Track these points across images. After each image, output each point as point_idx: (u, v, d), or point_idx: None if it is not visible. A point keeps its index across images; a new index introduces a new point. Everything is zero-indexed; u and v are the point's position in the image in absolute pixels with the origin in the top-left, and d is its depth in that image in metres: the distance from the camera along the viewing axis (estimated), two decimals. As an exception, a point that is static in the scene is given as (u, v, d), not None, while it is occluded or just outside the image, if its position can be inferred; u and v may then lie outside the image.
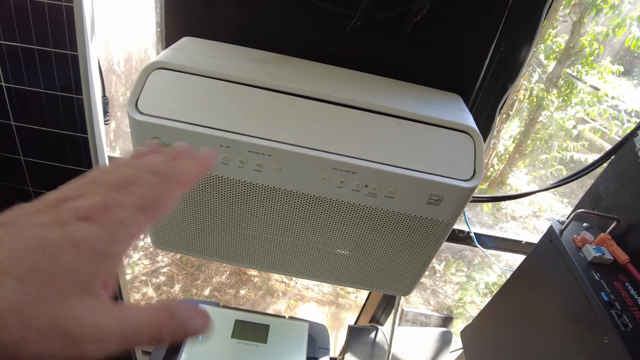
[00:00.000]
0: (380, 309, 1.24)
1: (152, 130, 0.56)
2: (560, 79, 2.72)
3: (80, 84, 0.76)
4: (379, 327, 1.24)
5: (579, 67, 2.63)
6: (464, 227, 1.01)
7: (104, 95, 0.82)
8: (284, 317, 1.06)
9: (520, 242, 1.08)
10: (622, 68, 2.59)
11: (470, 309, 2.39)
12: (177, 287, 2.28)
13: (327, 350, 1.02)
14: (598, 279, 0.63)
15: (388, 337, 1.19)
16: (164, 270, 2.35)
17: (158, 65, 0.57)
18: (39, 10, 0.70)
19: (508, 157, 2.97)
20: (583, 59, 2.59)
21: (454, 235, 1.01)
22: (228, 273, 2.40)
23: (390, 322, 1.27)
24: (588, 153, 2.65)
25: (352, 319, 2.36)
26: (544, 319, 0.71)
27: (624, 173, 0.74)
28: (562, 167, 2.75)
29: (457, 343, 1.29)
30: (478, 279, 2.51)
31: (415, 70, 0.71)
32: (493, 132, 0.78)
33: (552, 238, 0.73)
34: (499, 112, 0.76)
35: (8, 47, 0.74)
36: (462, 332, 0.98)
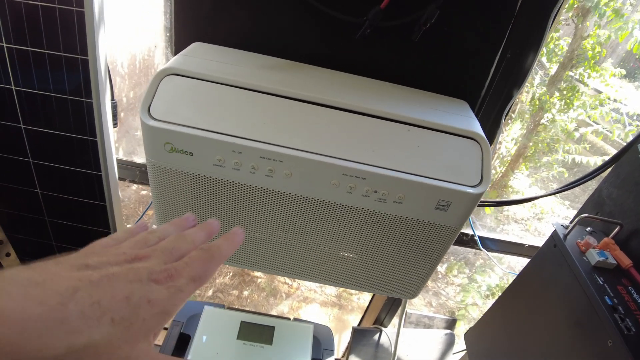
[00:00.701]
0: (384, 311, 1.25)
1: (164, 136, 0.56)
2: (563, 82, 2.72)
3: (90, 88, 0.76)
4: (383, 329, 1.24)
5: (581, 70, 2.63)
6: (469, 230, 1.02)
7: (113, 99, 0.83)
8: (289, 318, 1.07)
9: (524, 245, 1.09)
10: (624, 71, 2.60)
11: (472, 311, 2.40)
12: (180, 288, 2.27)
13: (331, 352, 1.02)
14: (601, 283, 0.63)
15: (392, 339, 1.20)
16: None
17: (170, 72, 0.58)
18: (50, 15, 0.70)
19: (510, 159, 2.97)
20: (585, 62, 2.59)
21: (459, 239, 1.02)
22: (231, 274, 2.40)
23: (394, 324, 1.28)
24: (590, 156, 2.65)
25: (354, 321, 2.36)
26: (548, 322, 0.71)
27: (628, 178, 0.75)
28: (564, 169, 2.75)
29: (459, 345, 1.30)
30: (480, 281, 2.51)
31: (423, 77, 0.72)
32: (498, 137, 0.79)
33: (556, 242, 0.74)
34: (505, 118, 0.76)
35: (19, 51, 0.74)
36: (465, 334, 0.98)
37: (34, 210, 0.96)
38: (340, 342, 2.08)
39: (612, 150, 2.98)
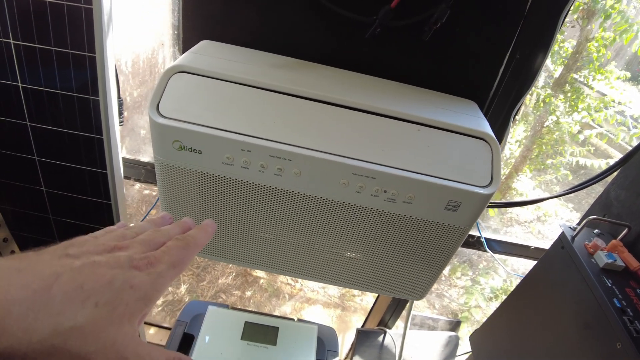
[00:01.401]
0: (389, 313, 1.24)
1: (173, 134, 0.56)
2: (567, 84, 2.72)
3: (97, 85, 0.76)
4: (387, 330, 1.24)
5: (586, 72, 2.63)
6: (475, 231, 1.01)
7: (119, 97, 0.83)
8: (293, 319, 1.06)
9: (529, 247, 1.08)
10: (629, 74, 2.59)
11: (476, 313, 2.39)
12: (182, 287, 2.28)
13: (335, 353, 1.02)
14: (610, 285, 0.63)
15: (397, 340, 1.20)
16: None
17: (179, 69, 0.58)
18: (58, 12, 0.70)
19: (514, 161, 2.97)
20: (590, 65, 2.59)
21: (465, 240, 1.01)
22: (234, 274, 2.40)
23: (398, 325, 1.28)
24: (594, 158, 2.64)
25: (358, 322, 2.35)
26: (556, 325, 0.71)
27: (636, 180, 0.74)
28: (568, 172, 2.74)
29: (463, 347, 1.30)
30: (483, 283, 2.51)
31: (432, 77, 0.72)
32: (507, 138, 0.79)
33: (563, 244, 0.73)
34: (513, 118, 0.76)
35: (26, 47, 0.74)
36: (471, 335, 0.98)
37: (39, 208, 0.96)
38: (343, 343, 2.08)
39: (616, 153, 2.98)
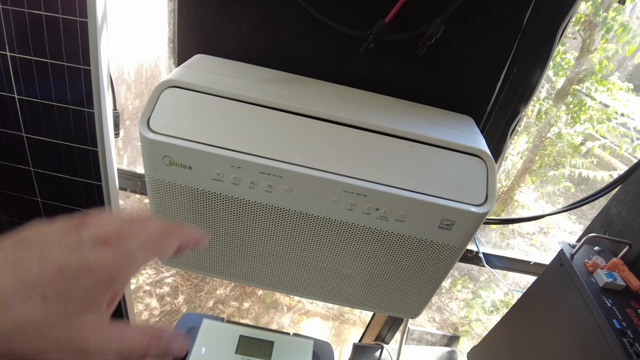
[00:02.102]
0: (386, 328, 1.23)
1: (163, 149, 0.55)
2: (570, 96, 2.71)
3: (92, 98, 0.76)
4: (385, 345, 1.22)
5: (588, 84, 2.62)
6: (473, 246, 1.00)
7: (115, 109, 0.82)
8: (289, 333, 1.05)
9: (529, 262, 1.07)
10: (631, 85, 2.58)
11: (476, 327, 2.36)
12: (180, 298, 2.27)
13: (331, 369, 1.00)
14: (610, 306, 0.62)
15: (394, 356, 1.18)
16: (168, 281, 2.34)
17: (170, 84, 0.57)
18: (54, 25, 0.70)
19: (516, 173, 2.95)
20: (592, 76, 2.58)
21: (463, 255, 1.00)
22: (232, 285, 2.38)
23: (396, 339, 1.26)
24: (597, 170, 2.62)
25: (356, 335, 2.33)
26: (554, 345, 0.69)
27: (637, 197, 0.73)
28: (570, 184, 2.73)
29: (462, 363, 1.27)
30: (484, 297, 2.48)
31: (428, 92, 0.71)
32: (504, 154, 0.78)
33: (562, 262, 0.72)
34: (511, 134, 0.75)
35: (22, 60, 0.74)
36: (469, 352, 0.96)
37: (35, 219, 0.95)
38: (342, 356, 2.06)
39: (619, 165, 2.96)
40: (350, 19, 0.65)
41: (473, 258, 1.01)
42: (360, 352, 1.20)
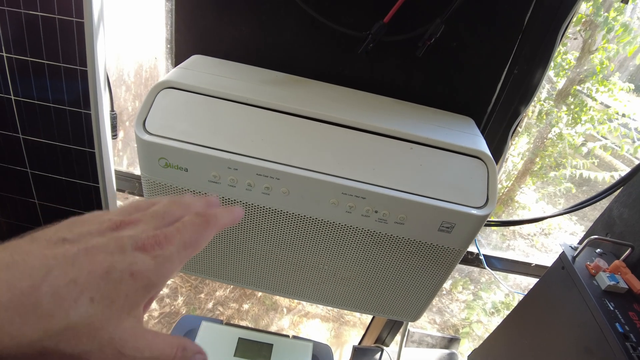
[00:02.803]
0: (386, 330, 1.22)
1: (159, 151, 0.55)
2: (570, 96, 2.70)
3: (89, 99, 0.76)
4: (384, 348, 1.21)
5: (589, 84, 2.61)
6: (473, 248, 0.99)
7: (112, 110, 0.82)
8: (288, 336, 1.04)
9: (530, 264, 1.06)
10: (632, 86, 2.57)
11: (477, 328, 2.36)
12: (180, 299, 2.27)
13: (331, 372, 1.00)
14: (612, 309, 0.61)
15: (394, 358, 1.17)
16: (168, 282, 2.33)
17: (167, 85, 0.57)
18: (50, 26, 0.70)
19: (517, 174, 2.94)
20: (593, 77, 2.57)
21: (463, 257, 0.99)
22: (232, 287, 2.38)
23: (397, 341, 1.25)
24: (598, 171, 2.62)
25: (356, 337, 2.32)
26: (556, 348, 0.69)
27: (639, 198, 0.72)
28: (571, 185, 2.72)
29: (463, 365, 1.27)
30: (485, 298, 2.47)
31: (428, 93, 0.70)
32: (505, 155, 0.77)
33: (564, 264, 0.71)
34: (512, 135, 0.74)
35: (19, 60, 0.74)
36: (470, 355, 0.95)
37: (32, 221, 0.95)
38: (341, 358, 2.05)
39: (620, 165, 2.95)
40: (349, 20, 0.65)
41: (474, 260, 1.00)
42: (360, 354, 1.19)
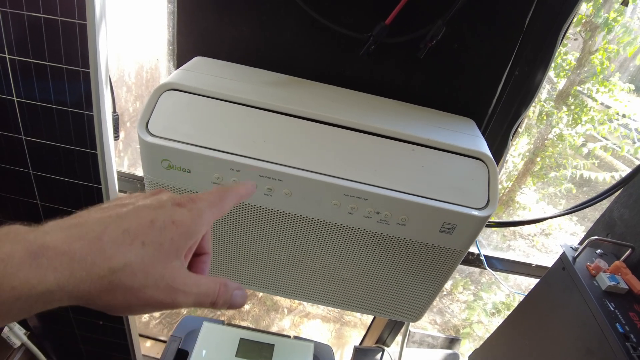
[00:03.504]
0: (387, 330, 1.22)
1: (162, 153, 0.55)
2: (571, 97, 2.70)
3: (91, 100, 0.76)
4: (385, 348, 1.21)
5: (590, 85, 2.61)
6: (474, 249, 0.99)
7: (114, 112, 0.82)
8: (289, 336, 1.04)
9: (531, 265, 1.06)
10: (633, 86, 2.57)
11: (477, 329, 2.35)
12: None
13: (332, 372, 1.00)
14: (613, 309, 0.61)
15: (395, 358, 1.17)
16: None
17: (169, 87, 0.57)
18: (53, 27, 0.70)
19: (517, 175, 2.94)
20: (594, 77, 2.57)
21: (464, 258, 0.99)
22: (233, 287, 2.37)
23: (397, 342, 1.25)
24: (598, 171, 2.61)
25: (357, 337, 2.32)
26: (556, 349, 0.69)
27: (640, 199, 0.73)
28: (572, 185, 2.71)
29: (464, 366, 1.27)
30: (486, 299, 2.47)
31: (429, 94, 0.71)
32: (506, 156, 0.77)
33: (565, 265, 0.71)
34: (512, 136, 0.74)
35: (21, 62, 0.74)
36: (470, 356, 0.96)
37: (34, 222, 0.95)
38: (343, 358, 2.05)
39: (621, 166, 2.94)
40: (351, 21, 0.65)
41: (474, 261, 1.00)
42: (361, 354, 1.19)
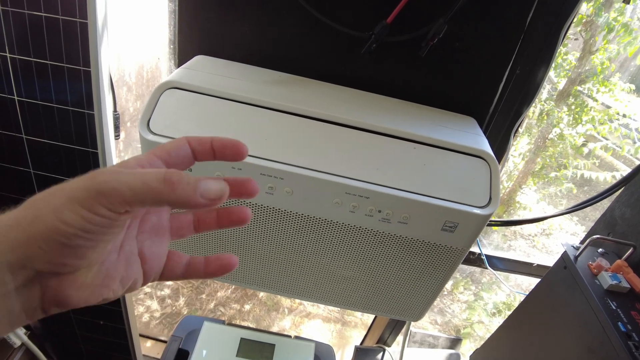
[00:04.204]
0: (388, 330, 1.22)
1: (163, 151, 0.55)
2: (571, 97, 2.70)
3: (92, 100, 0.76)
4: (386, 348, 1.21)
5: (590, 84, 2.61)
6: (475, 248, 0.99)
7: (115, 111, 0.82)
8: (290, 336, 1.04)
9: (532, 264, 1.06)
10: (633, 86, 2.57)
11: (478, 329, 2.35)
12: (181, 300, 2.27)
13: (333, 372, 1.00)
14: (614, 308, 0.61)
15: (396, 358, 1.17)
16: (169, 283, 2.33)
17: (170, 85, 0.57)
18: (54, 26, 0.70)
19: (518, 175, 2.94)
20: (594, 77, 2.57)
21: (465, 257, 0.99)
22: (233, 288, 2.38)
23: (398, 342, 1.25)
24: (599, 171, 2.61)
25: (358, 337, 2.32)
26: (558, 348, 0.69)
27: (641, 198, 0.72)
28: (572, 185, 2.71)
29: (465, 365, 1.27)
30: (486, 299, 2.47)
31: (430, 93, 0.70)
32: (507, 154, 0.77)
33: (566, 264, 0.71)
34: (514, 134, 0.74)
35: (22, 61, 0.74)
36: (472, 355, 0.95)
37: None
38: (343, 358, 2.05)
39: (621, 166, 2.94)
40: (352, 20, 0.65)
41: (475, 260, 1.00)
42: (362, 354, 1.19)
